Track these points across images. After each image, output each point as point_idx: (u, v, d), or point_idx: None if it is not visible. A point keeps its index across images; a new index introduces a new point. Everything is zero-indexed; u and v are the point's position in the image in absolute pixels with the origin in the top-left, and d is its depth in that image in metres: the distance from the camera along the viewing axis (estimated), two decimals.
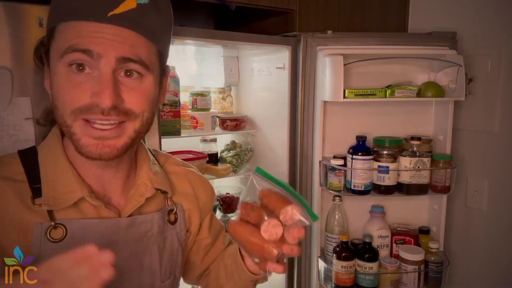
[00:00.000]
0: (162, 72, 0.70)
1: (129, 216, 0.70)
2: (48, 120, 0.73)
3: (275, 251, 0.60)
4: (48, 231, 0.64)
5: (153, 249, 0.73)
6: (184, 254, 0.82)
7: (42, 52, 0.66)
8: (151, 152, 0.83)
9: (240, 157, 1.66)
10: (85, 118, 0.60)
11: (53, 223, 0.64)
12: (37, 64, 0.69)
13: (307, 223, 0.61)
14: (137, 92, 0.63)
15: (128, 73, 0.62)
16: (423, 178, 1.35)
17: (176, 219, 0.78)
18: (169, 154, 0.89)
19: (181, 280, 0.88)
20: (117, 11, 0.59)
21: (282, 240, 0.61)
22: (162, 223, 0.75)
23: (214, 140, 1.64)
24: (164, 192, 0.77)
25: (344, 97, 1.29)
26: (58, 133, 0.70)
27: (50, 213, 0.64)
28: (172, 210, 0.78)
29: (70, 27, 0.60)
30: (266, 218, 0.61)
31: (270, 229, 0.60)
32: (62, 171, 0.67)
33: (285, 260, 0.64)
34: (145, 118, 0.65)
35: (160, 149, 1.18)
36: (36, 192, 0.65)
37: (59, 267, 0.46)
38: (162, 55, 0.68)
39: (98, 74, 0.59)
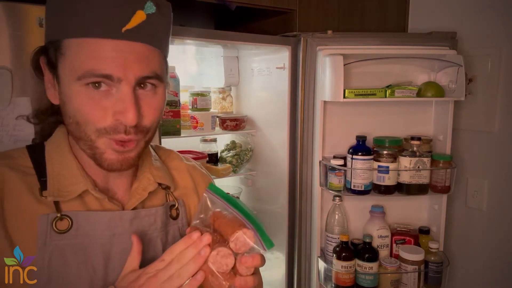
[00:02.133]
0: (166, 72, 0.71)
1: (133, 209, 0.72)
2: (39, 118, 0.74)
3: (226, 285, 0.54)
4: (54, 222, 0.65)
5: (156, 243, 0.74)
6: None
7: (44, 63, 0.65)
8: (152, 148, 0.84)
9: (240, 157, 1.66)
10: (109, 137, 0.62)
11: (59, 215, 0.65)
12: (36, 73, 0.68)
13: (262, 250, 0.54)
14: (152, 105, 0.65)
15: (142, 85, 0.63)
16: (423, 178, 1.35)
17: (178, 215, 0.79)
18: (171, 149, 0.89)
19: None
20: (130, 25, 0.59)
21: (234, 271, 0.55)
22: (165, 217, 0.76)
23: (214, 140, 1.64)
24: (166, 188, 0.78)
25: (344, 97, 1.29)
26: (65, 130, 0.71)
27: (57, 204, 0.66)
28: (174, 205, 0.79)
29: (84, 46, 0.59)
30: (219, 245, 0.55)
31: (219, 259, 0.54)
32: (68, 165, 0.68)
33: None
34: (154, 128, 0.67)
35: None
36: (44, 184, 0.66)
37: (176, 250, 0.60)
38: (165, 58, 0.69)
39: (117, 92, 0.60)
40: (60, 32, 0.61)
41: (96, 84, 0.60)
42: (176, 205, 0.79)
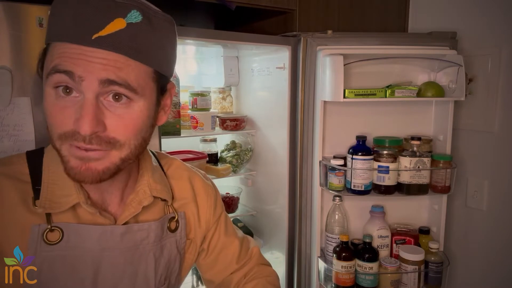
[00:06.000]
0: (161, 91, 0.67)
1: (126, 223, 0.70)
2: None
3: None
4: (45, 233, 0.64)
5: (149, 257, 0.72)
6: (183, 261, 0.82)
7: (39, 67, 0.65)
8: (156, 157, 0.82)
9: (240, 157, 1.66)
10: (70, 143, 0.59)
11: (49, 226, 0.64)
12: (40, 75, 0.67)
13: None
14: (123, 119, 0.60)
15: (116, 97, 0.59)
16: (423, 178, 1.35)
17: (177, 227, 0.78)
18: (175, 158, 0.88)
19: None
20: (103, 33, 0.56)
21: None
22: (160, 231, 0.74)
23: (214, 140, 1.64)
24: (164, 200, 0.77)
25: (344, 97, 1.29)
26: None
27: (48, 216, 0.65)
28: (174, 217, 0.77)
29: (56, 48, 0.58)
30: None
31: None
32: (62, 175, 0.66)
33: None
34: (132, 145, 0.62)
35: (160, 149, 1.18)
36: (37, 193, 0.65)
37: None
38: (160, 75, 0.64)
39: (82, 98, 0.57)
40: (47, 37, 0.61)
41: (67, 90, 0.58)
42: (176, 218, 0.78)
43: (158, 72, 0.64)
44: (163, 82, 0.66)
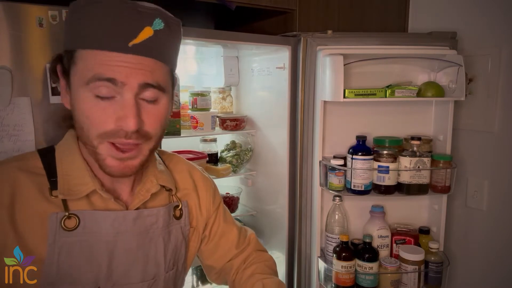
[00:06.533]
0: (173, 86, 0.75)
1: (137, 209, 0.76)
2: (67, 123, 0.78)
3: None
4: (63, 220, 0.69)
5: (158, 241, 0.78)
6: (188, 248, 0.87)
7: (60, 70, 0.70)
8: (157, 153, 0.88)
9: (240, 157, 1.66)
10: (110, 141, 0.66)
11: (67, 213, 0.69)
12: (52, 77, 0.73)
13: None
14: (154, 115, 0.68)
15: (152, 100, 0.67)
16: (423, 178, 1.35)
17: (181, 215, 0.83)
18: (175, 153, 0.94)
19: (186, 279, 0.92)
20: (137, 40, 0.63)
21: None
22: (167, 217, 0.80)
23: (214, 140, 1.64)
24: (169, 190, 0.83)
25: (344, 97, 1.29)
26: (74, 134, 0.75)
27: (65, 203, 0.69)
28: (178, 206, 0.83)
29: (93, 56, 0.63)
30: None
31: None
32: (77, 167, 0.72)
33: None
34: (158, 137, 0.71)
35: (160, 149, 1.18)
36: (53, 184, 0.70)
37: None
38: (172, 72, 0.74)
39: (121, 99, 0.64)
40: (75, 43, 0.66)
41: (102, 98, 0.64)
42: (180, 206, 0.84)
43: (171, 70, 0.73)
44: (173, 77, 0.75)
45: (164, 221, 0.79)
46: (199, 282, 1.52)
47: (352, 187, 1.35)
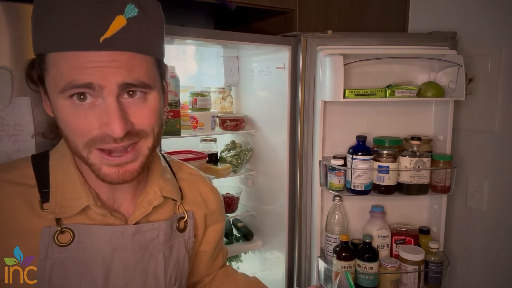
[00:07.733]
0: (162, 77, 0.68)
1: (136, 223, 0.71)
2: (54, 133, 0.73)
3: None
4: (56, 235, 0.64)
5: (158, 256, 0.73)
6: (191, 261, 0.83)
7: (36, 78, 0.64)
8: (165, 159, 0.83)
9: (240, 157, 1.66)
10: (99, 148, 0.59)
11: (60, 228, 0.64)
12: (30, 86, 0.66)
13: None
14: (144, 111, 0.61)
15: (131, 93, 0.60)
16: (423, 178, 1.35)
17: (185, 227, 0.78)
18: (183, 162, 0.89)
19: None
20: (108, 33, 0.56)
21: None
22: (169, 231, 0.75)
23: (214, 140, 1.64)
24: (174, 200, 0.78)
25: (344, 97, 1.29)
26: None
27: (58, 218, 0.65)
28: (183, 217, 0.78)
29: (64, 60, 0.57)
30: None
31: None
32: (70, 178, 0.67)
33: None
34: (156, 132, 0.64)
35: (160, 149, 1.18)
36: (45, 196, 0.65)
37: None
38: (159, 62, 0.66)
39: (102, 102, 0.58)
40: (43, 47, 0.59)
41: (81, 96, 0.58)
42: (185, 218, 0.78)
43: (157, 59, 0.65)
44: (162, 67, 0.67)
45: (166, 235, 0.74)
46: None
47: (352, 187, 1.35)
